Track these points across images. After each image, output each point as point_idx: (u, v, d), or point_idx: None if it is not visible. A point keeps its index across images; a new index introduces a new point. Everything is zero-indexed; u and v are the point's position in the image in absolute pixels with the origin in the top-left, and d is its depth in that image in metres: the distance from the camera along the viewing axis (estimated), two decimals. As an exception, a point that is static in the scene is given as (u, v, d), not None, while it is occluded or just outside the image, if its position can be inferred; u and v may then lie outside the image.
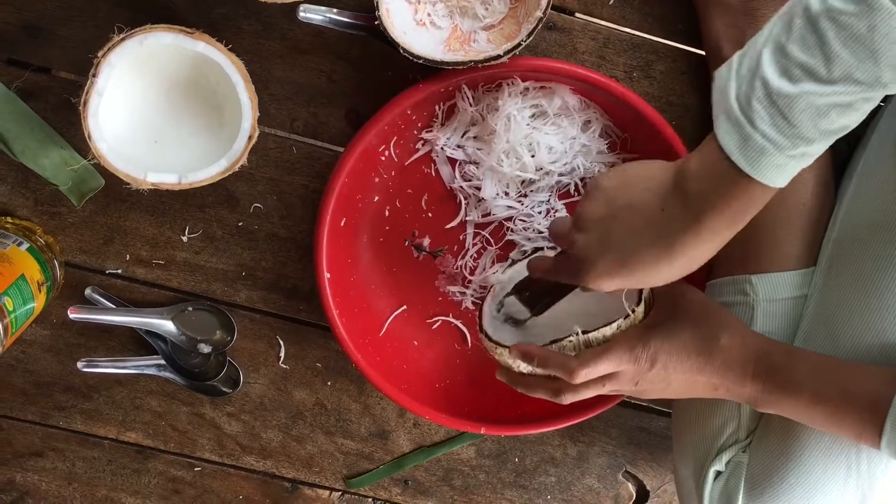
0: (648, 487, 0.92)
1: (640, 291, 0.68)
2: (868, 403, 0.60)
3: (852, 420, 0.60)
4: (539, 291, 0.73)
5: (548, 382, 0.68)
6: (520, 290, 0.74)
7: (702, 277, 0.79)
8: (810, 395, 0.62)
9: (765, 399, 0.65)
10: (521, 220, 0.81)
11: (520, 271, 0.77)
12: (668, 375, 0.66)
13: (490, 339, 0.71)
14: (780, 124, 0.52)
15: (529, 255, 0.79)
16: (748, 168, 0.53)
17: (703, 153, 0.57)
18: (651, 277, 0.60)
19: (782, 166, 0.53)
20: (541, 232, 0.81)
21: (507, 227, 0.81)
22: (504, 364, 0.71)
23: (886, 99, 0.75)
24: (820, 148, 0.53)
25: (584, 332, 0.66)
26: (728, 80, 0.54)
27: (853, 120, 0.52)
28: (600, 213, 0.62)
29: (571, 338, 0.66)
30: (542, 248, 0.80)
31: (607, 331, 0.66)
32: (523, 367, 0.68)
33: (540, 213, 0.80)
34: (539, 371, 0.67)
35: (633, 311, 0.67)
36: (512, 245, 0.82)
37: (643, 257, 0.59)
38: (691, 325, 0.66)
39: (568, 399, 0.67)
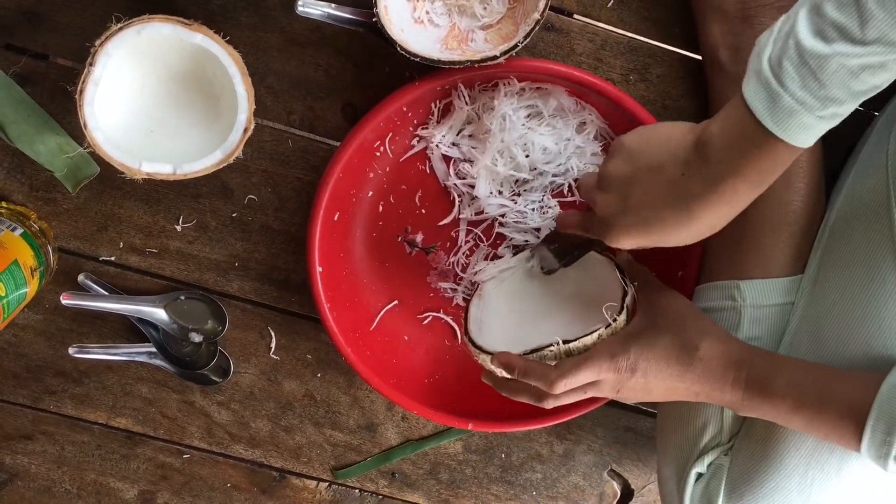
0: (633, 486, 0.92)
1: (623, 299, 0.68)
2: (848, 408, 0.60)
3: (832, 425, 0.61)
4: (567, 244, 0.74)
5: (530, 387, 0.69)
6: (549, 241, 0.76)
7: (692, 281, 0.80)
8: (791, 402, 0.63)
9: (745, 405, 0.65)
10: (511, 216, 0.81)
11: (504, 271, 0.78)
12: (648, 383, 0.66)
13: (474, 345, 0.72)
14: (811, 84, 0.52)
15: (518, 252, 0.80)
16: (775, 128, 0.53)
17: (727, 114, 0.57)
18: (670, 238, 0.61)
19: (811, 127, 0.53)
20: (536, 229, 0.81)
21: (498, 222, 0.82)
22: (488, 368, 0.72)
23: (881, 109, 0.76)
24: (849, 108, 0.53)
25: (564, 342, 0.67)
26: (766, 43, 0.54)
27: (884, 80, 0.52)
28: (622, 173, 0.62)
29: (552, 347, 0.67)
30: (529, 243, 0.81)
31: (588, 340, 0.67)
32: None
33: (533, 210, 0.81)
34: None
35: (615, 320, 0.67)
36: (503, 241, 0.82)
37: (663, 219, 0.60)
38: (671, 333, 0.67)
39: (550, 404, 0.68)
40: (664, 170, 0.60)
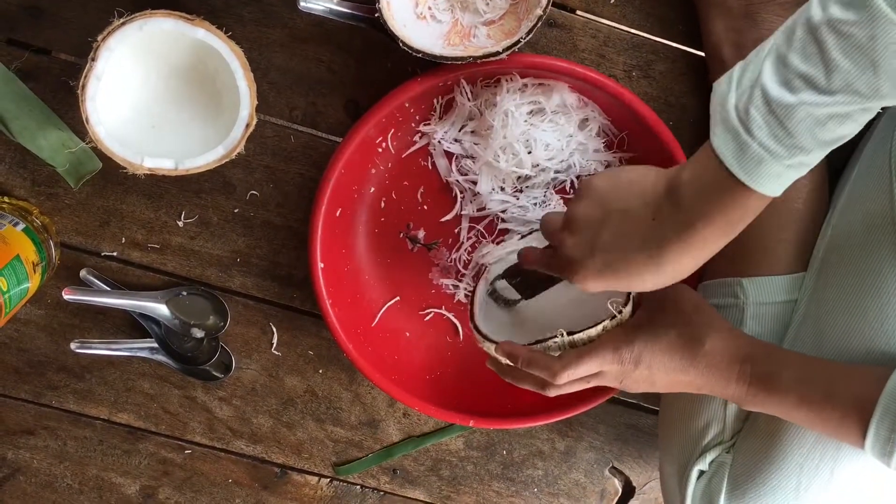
0: (634, 484, 0.92)
1: (629, 292, 0.68)
2: (852, 404, 0.60)
3: (837, 421, 0.61)
4: (529, 279, 0.73)
5: (534, 375, 0.68)
6: (510, 275, 0.75)
7: (694, 279, 0.79)
8: (795, 397, 0.63)
9: (750, 399, 0.65)
10: (514, 211, 0.81)
11: (511, 253, 0.78)
12: (652, 375, 0.66)
13: (479, 333, 0.72)
14: (778, 134, 0.52)
15: (527, 235, 0.79)
16: (744, 177, 0.53)
17: (697, 162, 0.57)
18: (637, 284, 0.60)
19: (778, 175, 0.53)
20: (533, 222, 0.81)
21: (500, 218, 0.81)
22: (492, 356, 0.72)
23: (884, 108, 0.76)
24: (816, 157, 0.54)
25: (569, 334, 0.66)
26: (728, 91, 0.54)
27: (851, 130, 0.53)
28: (591, 215, 0.62)
29: (556, 339, 0.67)
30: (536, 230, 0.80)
31: (592, 332, 0.66)
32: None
33: (535, 205, 0.80)
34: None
35: (620, 312, 0.67)
36: (504, 234, 0.82)
37: (631, 263, 0.59)
38: (676, 326, 0.67)
39: (553, 393, 0.67)
40: (634, 214, 0.59)
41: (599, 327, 0.66)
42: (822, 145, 0.53)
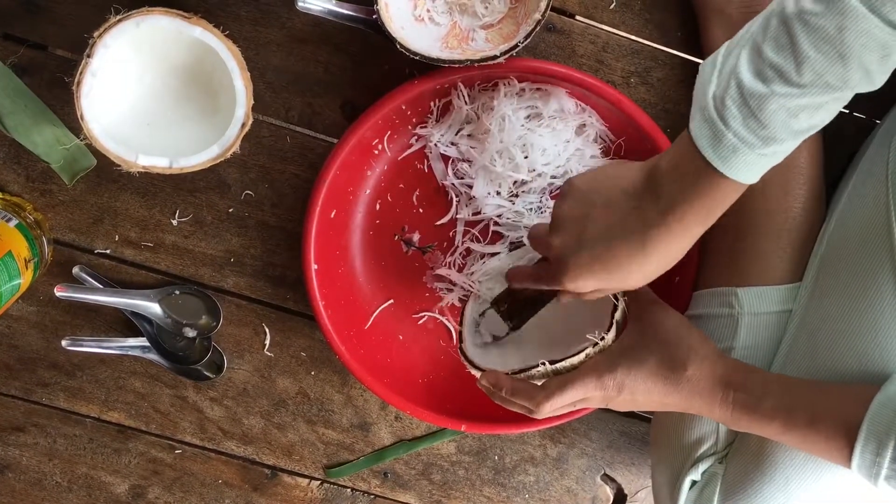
0: (626, 491, 0.92)
1: (613, 315, 0.68)
2: (837, 428, 0.60)
3: (823, 444, 0.60)
4: (517, 303, 0.73)
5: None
6: (497, 302, 0.75)
7: (689, 286, 0.79)
8: (780, 423, 0.62)
9: (735, 423, 0.65)
10: (509, 216, 0.81)
11: (497, 267, 0.78)
12: (635, 399, 0.66)
13: (467, 359, 0.73)
14: (752, 124, 0.53)
15: (517, 247, 0.79)
16: (720, 165, 0.55)
17: (676, 149, 0.58)
18: (627, 275, 0.60)
19: (753, 164, 0.55)
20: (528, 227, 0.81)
21: (494, 221, 0.81)
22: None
23: (882, 117, 0.75)
24: (791, 146, 0.55)
25: (552, 363, 0.66)
26: (710, 76, 0.55)
27: (823, 119, 0.54)
28: (575, 213, 0.62)
29: (539, 367, 0.67)
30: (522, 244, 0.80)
31: (575, 360, 0.66)
32: None
33: (530, 210, 0.80)
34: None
35: (603, 339, 0.67)
36: (499, 239, 0.82)
37: (617, 255, 0.60)
38: (659, 352, 0.66)
39: (541, 416, 0.67)
40: (616, 206, 0.60)
41: (582, 355, 0.66)
42: (796, 135, 0.54)
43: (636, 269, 0.60)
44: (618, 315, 0.68)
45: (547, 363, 0.66)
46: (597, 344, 0.66)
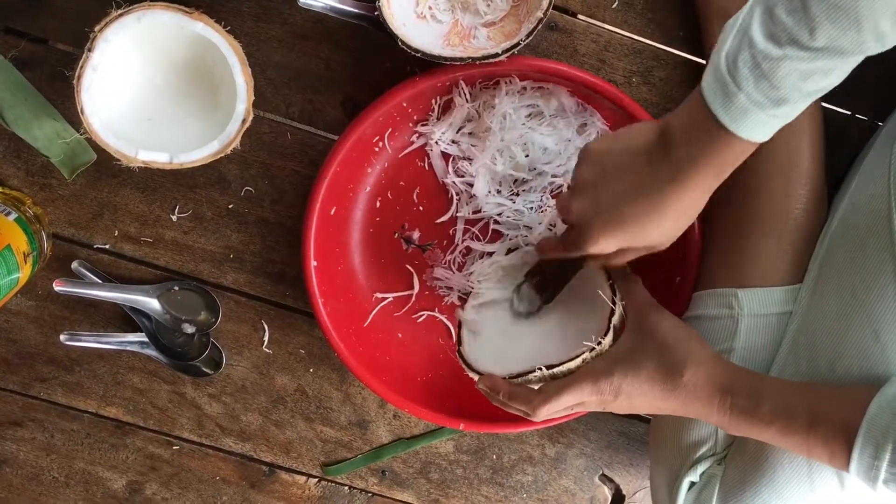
0: (624, 492, 0.92)
1: (610, 319, 0.67)
2: (836, 431, 0.59)
3: (821, 448, 0.60)
4: (547, 275, 0.74)
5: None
6: (530, 275, 0.75)
7: (690, 287, 0.79)
8: (777, 428, 0.62)
9: (733, 428, 0.64)
10: (509, 214, 0.80)
11: (494, 265, 0.78)
12: (632, 404, 0.66)
13: (465, 362, 0.73)
14: (763, 86, 0.53)
15: (514, 250, 0.79)
16: (730, 124, 0.55)
17: (687, 107, 0.58)
18: (646, 233, 0.61)
19: (764, 123, 0.55)
20: (528, 227, 0.81)
21: (493, 219, 0.81)
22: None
23: (885, 119, 0.75)
24: (801, 107, 0.55)
25: (548, 368, 0.66)
26: (728, 34, 0.56)
27: (835, 81, 0.54)
28: (591, 176, 0.63)
29: (536, 372, 0.67)
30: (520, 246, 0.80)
31: (572, 365, 0.66)
32: None
33: (531, 209, 0.80)
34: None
35: (600, 344, 0.67)
36: (498, 238, 0.82)
37: (634, 214, 0.61)
38: (656, 356, 0.65)
39: (538, 419, 0.67)
40: (631, 166, 0.61)
41: (579, 360, 0.66)
42: (807, 96, 0.54)
43: (654, 227, 0.61)
44: (615, 319, 0.68)
45: (543, 368, 0.67)
46: (594, 349, 0.66)
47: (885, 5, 0.49)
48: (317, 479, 0.91)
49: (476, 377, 0.71)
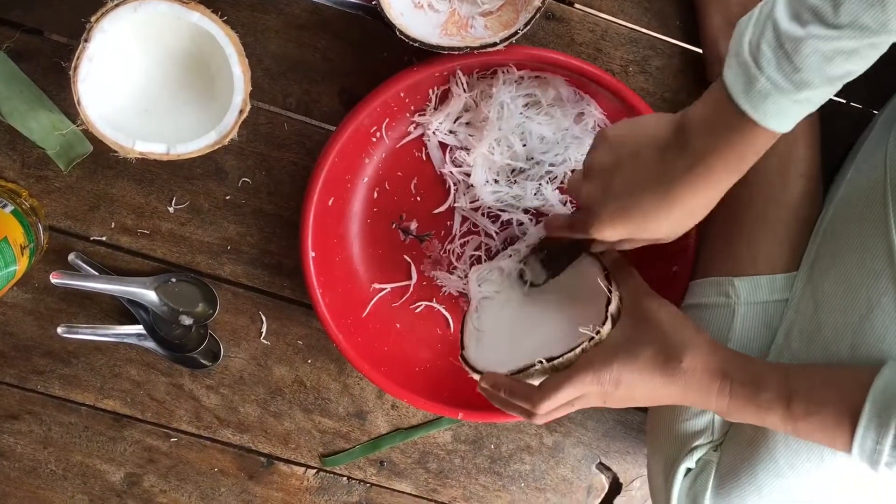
0: (621, 480, 0.92)
1: (607, 308, 0.68)
2: (837, 414, 0.60)
3: (823, 432, 0.61)
4: (554, 252, 0.74)
5: (519, 405, 0.68)
6: (536, 250, 0.76)
7: (686, 276, 0.79)
8: (778, 412, 0.62)
9: (731, 414, 0.65)
10: (507, 200, 0.81)
11: (496, 268, 0.78)
12: (633, 393, 0.66)
13: (467, 364, 0.73)
14: (786, 67, 0.53)
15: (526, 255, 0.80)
16: (751, 110, 0.55)
17: (707, 98, 0.58)
18: (653, 226, 0.61)
19: (786, 111, 0.54)
20: (526, 211, 0.81)
21: (488, 208, 0.81)
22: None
23: (881, 108, 0.76)
24: (824, 94, 0.54)
25: (548, 360, 0.67)
26: (747, 26, 0.55)
27: (858, 67, 0.53)
28: (605, 162, 0.63)
29: (537, 365, 0.67)
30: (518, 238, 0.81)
31: (572, 356, 0.66)
32: None
33: (534, 193, 0.80)
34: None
35: (598, 333, 0.67)
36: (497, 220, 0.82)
37: (643, 204, 0.60)
38: (655, 344, 0.65)
39: (539, 421, 0.67)
40: (645, 156, 0.61)
41: (578, 350, 0.66)
42: (829, 81, 0.53)
43: (662, 221, 0.61)
44: (612, 308, 0.68)
45: (544, 360, 0.66)
46: (592, 338, 0.66)
47: None
48: (315, 470, 0.91)
49: (478, 378, 0.71)
